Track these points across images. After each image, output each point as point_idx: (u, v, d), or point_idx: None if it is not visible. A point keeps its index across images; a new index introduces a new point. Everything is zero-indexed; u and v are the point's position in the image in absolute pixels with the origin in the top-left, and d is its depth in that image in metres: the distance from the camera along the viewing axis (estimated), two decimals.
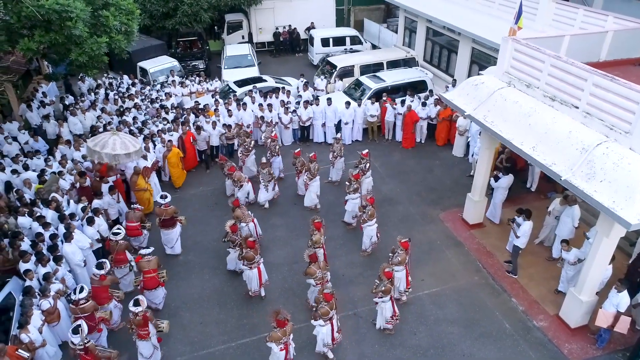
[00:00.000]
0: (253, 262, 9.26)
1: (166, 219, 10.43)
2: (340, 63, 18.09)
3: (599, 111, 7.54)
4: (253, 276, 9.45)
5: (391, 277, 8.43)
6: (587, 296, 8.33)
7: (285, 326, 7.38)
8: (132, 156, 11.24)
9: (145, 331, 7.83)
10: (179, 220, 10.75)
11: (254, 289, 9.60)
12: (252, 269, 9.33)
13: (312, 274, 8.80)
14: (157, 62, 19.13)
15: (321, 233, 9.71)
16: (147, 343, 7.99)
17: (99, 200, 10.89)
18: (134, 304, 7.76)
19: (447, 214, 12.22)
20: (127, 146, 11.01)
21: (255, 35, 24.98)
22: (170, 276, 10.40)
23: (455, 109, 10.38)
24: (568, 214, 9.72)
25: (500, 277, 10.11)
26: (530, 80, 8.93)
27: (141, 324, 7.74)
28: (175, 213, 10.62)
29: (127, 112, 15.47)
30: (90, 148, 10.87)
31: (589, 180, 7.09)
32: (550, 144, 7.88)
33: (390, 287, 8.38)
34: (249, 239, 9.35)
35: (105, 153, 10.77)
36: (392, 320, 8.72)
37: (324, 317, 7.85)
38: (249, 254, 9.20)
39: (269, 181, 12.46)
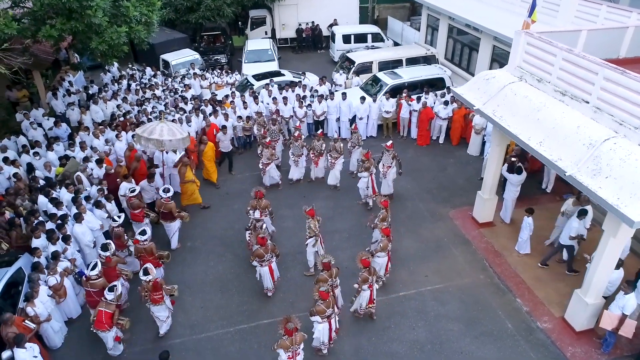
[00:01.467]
0: (264, 260, 9.09)
1: (165, 213, 10.44)
2: (359, 59, 18.03)
3: (609, 106, 7.29)
4: (265, 274, 9.33)
5: (368, 265, 8.33)
6: (592, 298, 8.05)
7: (292, 335, 7.08)
8: (179, 142, 11.14)
9: (159, 295, 8.18)
10: (181, 216, 10.74)
11: (268, 286, 9.49)
12: (263, 266, 9.19)
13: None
14: (179, 55, 19.51)
15: (315, 220, 9.63)
16: (162, 306, 8.36)
17: (127, 184, 11.04)
18: (143, 274, 8.14)
19: (457, 212, 12.02)
20: (174, 133, 11.01)
21: (279, 31, 25.16)
22: (177, 262, 10.65)
23: (465, 104, 10.20)
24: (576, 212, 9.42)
25: (506, 276, 9.88)
26: (542, 74, 8.70)
27: (155, 289, 8.11)
28: (177, 210, 10.64)
29: (147, 102, 15.86)
30: (138, 135, 10.98)
31: (594, 176, 6.86)
32: (558, 139, 7.66)
33: (367, 275, 8.32)
34: (260, 235, 9.13)
35: (153, 139, 10.77)
36: (365, 309, 8.75)
37: (320, 314, 7.73)
38: (259, 251, 9.01)
39: (299, 155, 12.64)
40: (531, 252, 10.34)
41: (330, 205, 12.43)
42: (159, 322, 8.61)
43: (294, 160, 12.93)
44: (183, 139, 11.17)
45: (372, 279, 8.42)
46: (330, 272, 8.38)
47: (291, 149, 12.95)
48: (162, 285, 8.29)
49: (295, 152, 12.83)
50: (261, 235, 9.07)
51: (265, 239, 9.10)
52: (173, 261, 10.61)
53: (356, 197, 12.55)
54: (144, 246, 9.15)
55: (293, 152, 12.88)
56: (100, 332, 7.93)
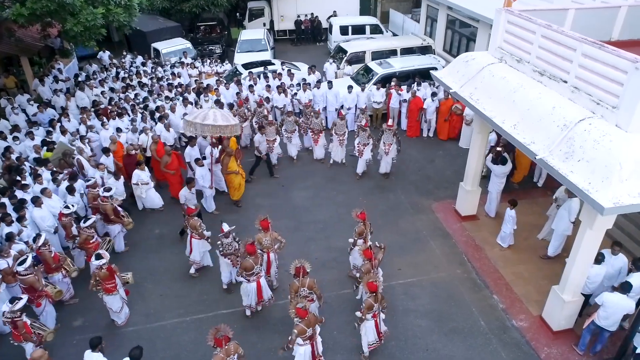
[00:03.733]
0: (252, 274, 7.81)
1: (104, 214, 9.64)
2: (351, 48, 17.53)
3: (587, 84, 6.68)
4: (251, 290, 7.97)
5: (375, 289, 6.81)
6: (570, 295, 7.44)
7: (223, 345, 6.12)
8: (233, 129, 10.45)
9: (112, 284, 7.74)
10: (122, 222, 9.85)
11: (250, 303, 8.14)
12: (251, 281, 7.90)
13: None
14: (170, 44, 19.25)
15: (269, 233, 8.36)
16: (115, 297, 7.92)
17: (139, 172, 10.74)
18: (96, 258, 7.69)
19: (440, 204, 11.44)
20: (228, 119, 10.50)
21: (277, 23, 24.77)
22: (142, 248, 10.31)
23: (443, 87, 9.64)
24: (566, 207, 8.79)
25: (484, 272, 9.30)
26: (521, 54, 8.11)
27: (107, 277, 7.65)
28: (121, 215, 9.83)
29: (131, 90, 15.58)
30: (189, 121, 10.37)
31: (566, 159, 6.27)
32: (532, 121, 7.08)
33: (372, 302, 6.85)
34: (249, 242, 7.87)
35: (208, 124, 10.11)
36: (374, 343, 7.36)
37: (300, 336, 6.52)
38: (247, 262, 7.65)
39: (292, 131, 12.45)
40: (515, 248, 9.75)
41: (309, 195, 11.98)
42: (112, 313, 8.18)
43: (287, 137, 12.83)
44: (235, 125, 10.51)
45: (377, 307, 6.98)
46: (304, 280, 7.37)
47: (284, 125, 12.86)
48: (116, 272, 7.88)
49: (288, 129, 12.76)
50: (250, 242, 7.84)
51: (254, 246, 7.78)
52: (137, 248, 10.29)
53: (336, 186, 12.13)
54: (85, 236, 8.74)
55: (286, 129, 12.81)
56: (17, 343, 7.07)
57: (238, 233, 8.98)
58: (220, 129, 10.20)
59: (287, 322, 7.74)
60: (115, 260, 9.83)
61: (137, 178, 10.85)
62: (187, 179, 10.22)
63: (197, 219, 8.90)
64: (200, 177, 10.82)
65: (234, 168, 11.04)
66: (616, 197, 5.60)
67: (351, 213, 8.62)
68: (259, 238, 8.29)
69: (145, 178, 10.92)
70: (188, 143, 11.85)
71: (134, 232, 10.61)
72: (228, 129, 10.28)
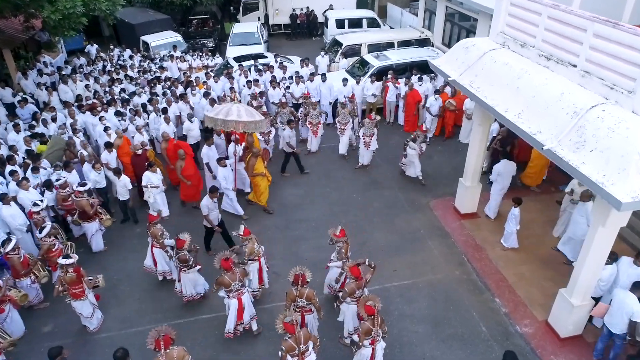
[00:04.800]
0: (231, 290, 7.00)
1: (80, 212, 9.02)
2: (347, 41, 16.92)
3: (599, 68, 6.08)
4: (231, 309, 7.10)
5: (373, 313, 5.99)
6: (579, 299, 6.84)
7: (162, 348, 5.52)
8: (258, 125, 9.72)
9: (79, 288, 7.13)
10: (100, 216, 9.31)
11: (229, 328, 7.24)
12: (231, 297, 7.05)
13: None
14: (160, 37, 18.64)
15: (253, 241, 7.69)
16: (84, 302, 7.32)
17: (150, 174, 9.78)
18: (63, 257, 7.08)
19: (439, 202, 10.84)
20: (253, 114, 9.80)
21: (272, 17, 24.17)
22: (120, 249, 9.71)
23: (441, 75, 9.04)
24: (581, 212, 8.15)
25: (485, 273, 8.70)
26: (526, 38, 7.51)
27: (74, 281, 7.02)
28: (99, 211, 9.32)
29: (117, 83, 14.98)
30: (211, 117, 9.64)
31: (577, 149, 5.67)
32: (538, 109, 6.47)
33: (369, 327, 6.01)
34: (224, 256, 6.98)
35: (230, 120, 9.42)
36: None
37: (289, 353, 5.80)
38: (223, 279, 6.88)
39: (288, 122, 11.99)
40: (518, 248, 9.14)
41: (300, 193, 11.37)
42: (83, 319, 7.57)
43: (282, 128, 12.25)
44: (261, 121, 9.78)
45: (376, 332, 6.07)
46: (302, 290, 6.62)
47: (279, 117, 12.36)
48: (83, 276, 7.23)
49: (283, 120, 12.20)
50: (226, 257, 6.97)
51: (230, 261, 6.95)
52: (117, 248, 9.69)
53: (329, 183, 11.54)
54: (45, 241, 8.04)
55: (281, 120, 12.28)
56: None
57: None
58: (244, 125, 9.46)
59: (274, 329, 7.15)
60: (92, 260, 9.32)
61: (147, 180, 9.78)
62: (211, 187, 8.92)
63: (159, 227, 8.19)
64: (222, 179, 9.88)
65: (261, 170, 10.19)
66: (635, 191, 5.00)
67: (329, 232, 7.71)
68: (250, 249, 7.58)
69: (155, 181, 9.86)
70: (205, 142, 10.76)
71: (115, 230, 10.03)
72: (253, 125, 9.53)
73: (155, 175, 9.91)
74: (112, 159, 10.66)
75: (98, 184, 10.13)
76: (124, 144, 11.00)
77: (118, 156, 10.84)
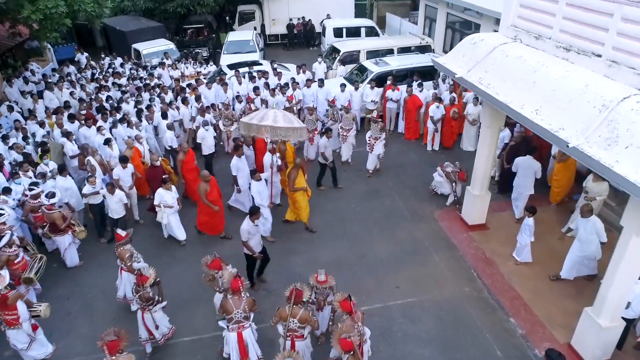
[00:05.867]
0: (231, 319, 5.94)
1: (50, 224, 8.20)
2: (345, 47, 16.33)
3: (629, 56, 5.39)
4: (231, 343, 6.06)
5: (351, 348, 5.15)
6: (608, 320, 6.03)
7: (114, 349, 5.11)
8: (297, 132, 8.84)
9: (13, 315, 6.13)
10: (72, 228, 8.47)
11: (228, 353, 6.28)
12: (230, 330, 5.99)
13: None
14: (152, 44, 18.06)
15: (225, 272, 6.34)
16: (19, 331, 6.28)
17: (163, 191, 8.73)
18: None
19: (444, 212, 10.07)
20: (291, 120, 8.99)
21: (268, 27, 23.69)
22: (99, 262, 8.87)
23: (446, 73, 8.36)
24: (589, 229, 7.29)
25: (498, 289, 7.88)
26: (541, 29, 6.84)
27: (3, 305, 6.04)
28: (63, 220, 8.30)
29: (103, 90, 14.32)
30: (245, 122, 8.94)
31: (609, 146, 4.93)
32: (559, 103, 5.76)
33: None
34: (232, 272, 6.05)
35: (265, 125, 8.67)
36: None
37: None
38: (226, 302, 5.88)
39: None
40: (532, 262, 8.35)
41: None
42: (18, 350, 6.45)
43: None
44: (300, 129, 8.90)
45: None
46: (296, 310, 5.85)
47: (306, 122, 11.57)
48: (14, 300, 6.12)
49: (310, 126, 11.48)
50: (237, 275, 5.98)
51: (240, 281, 5.92)
52: (93, 262, 8.86)
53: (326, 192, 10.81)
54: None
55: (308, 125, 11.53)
56: None
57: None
58: (281, 132, 8.64)
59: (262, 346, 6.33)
60: (66, 276, 8.53)
61: (159, 199, 8.74)
62: (252, 208, 7.49)
63: (128, 249, 7.12)
64: (256, 194, 8.85)
65: (303, 184, 9.12)
66: None
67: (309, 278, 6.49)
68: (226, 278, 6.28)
69: (170, 200, 8.82)
70: (235, 152, 9.62)
71: (93, 243, 9.22)
72: (291, 132, 8.70)
73: (170, 193, 8.80)
74: (127, 177, 9.41)
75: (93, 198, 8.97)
76: (135, 155, 10.05)
77: None
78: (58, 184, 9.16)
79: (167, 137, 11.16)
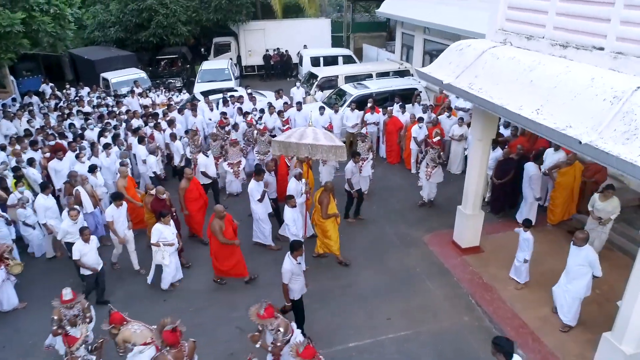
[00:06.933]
0: None
1: None
2: (322, 73, 15.94)
3: (637, 44, 4.88)
4: None
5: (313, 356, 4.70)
6: (632, 346, 5.24)
7: None
8: (338, 152, 7.89)
9: None
10: (6, 262, 7.30)
11: None
12: None
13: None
14: (121, 73, 17.35)
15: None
16: None
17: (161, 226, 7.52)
18: None
19: (434, 236, 9.32)
20: (333, 139, 8.20)
21: (245, 58, 23.34)
22: (45, 303, 7.68)
23: (433, 82, 7.80)
24: (580, 259, 6.36)
25: (501, 318, 7.05)
26: (533, 29, 6.37)
27: None
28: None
29: (69, 118, 13.44)
30: (281, 142, 8.10)
31: (627, 140, 4.31)
32: (563, 100, 5.18)
33: None
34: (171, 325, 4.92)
35: (305, 144, 7.80)
36: None
37: None
38: (164, 357, 4.84)
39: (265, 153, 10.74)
40: (531, 284, 7.62)
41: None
42: None
43: (259, 159, 10.90)
44: (341, 148, 7.94)
45: None
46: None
47: (256, 147, 11.18)
48: None
49: (261, 150, 10.92)
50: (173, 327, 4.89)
51: (177, 332, 4.88)
52: (39, 301, 7.68)
53: None
54: None
55: (259, 151, 11.04)
56: None
57: None
58: (322, 151, 7.78)
59: None
60: (1, 319, 7.30)
61: (158, 235, 7.43)
62: (294, 243, 6.36)
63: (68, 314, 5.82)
64: (291, 222, 7.91)
65: (335, 210, 8.19)
66: None
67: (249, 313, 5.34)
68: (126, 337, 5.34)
69: (170, 236, 7.57)
70: (254, 177, 8.70)
71: (39, 279, 8.10)
72: (332, 152, 7.82)
73: (169, 228, 7.60)
74: (122, 217, 8.01)
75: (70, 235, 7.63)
76: (130, 185, 9.06)
77: None
78: (38, 202, 8.29)
79: (151, 162, 10.30)
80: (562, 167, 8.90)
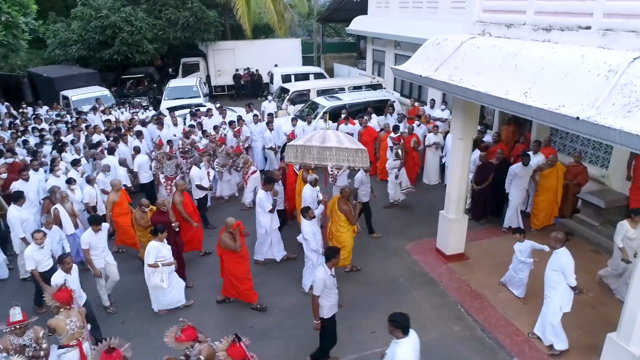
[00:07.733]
0: None
1: None
2: (294, 87, 15.58)
3: (626, 19, 4.63)
4: None
5: None
6: (638, 346, 4.80)
7: None
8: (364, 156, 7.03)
9: None
10: None
11: None
12: None
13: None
14: (83, 91, 16.56)
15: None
16: None
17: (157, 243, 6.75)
18: None
19: (417, 244, 8.84)
20: (355, 142, 7.46)
21: (214, 78, 22.88)
22: None
23: (410, 79, 7.44)
24: (553, 264, 5.74)
25: (493, 326, 6.54)
26: (512, 17, 6.13)
27: None
28: None
29: (24, 135, 12.57)
30: (300, 145, 7.11)
31: (628, 113, 3.96)
32: (552, 80, 4.85)
33: None
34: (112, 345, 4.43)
35: (329, 147, 6.89)
36: None
37: None
38: None
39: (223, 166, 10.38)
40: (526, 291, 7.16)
41: None
42: None
43: (218, 171, 10.38)
44: (365, 153, 7.11)
45: None
46: None
47: (217, 159, 10.52)
48: None
49: (220, 162, 10.40)
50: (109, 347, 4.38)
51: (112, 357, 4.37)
52: None
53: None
54: None
55: (218, 162, 10.44)
56: None
57: None
58: (348, 155, 6.91)
59: None
60: None
61: (155, 254, 6.68)
62: (329, 250, 5.76)
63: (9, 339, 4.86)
64: (310, 236, 7.03)
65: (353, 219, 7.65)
66: None
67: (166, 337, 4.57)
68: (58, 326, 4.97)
69: (167, 253, 6.83)
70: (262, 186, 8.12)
71: None
72: (359, 156, 6.97)
73: (166, 246, 6.85)
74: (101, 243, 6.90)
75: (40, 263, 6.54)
76: (122, 200, 8.27)
77: (113, 217, 8.08)
78: (11, 214, 7.43)
79: (120, 174, 9.58)
80: (544, 170, 8.64)
